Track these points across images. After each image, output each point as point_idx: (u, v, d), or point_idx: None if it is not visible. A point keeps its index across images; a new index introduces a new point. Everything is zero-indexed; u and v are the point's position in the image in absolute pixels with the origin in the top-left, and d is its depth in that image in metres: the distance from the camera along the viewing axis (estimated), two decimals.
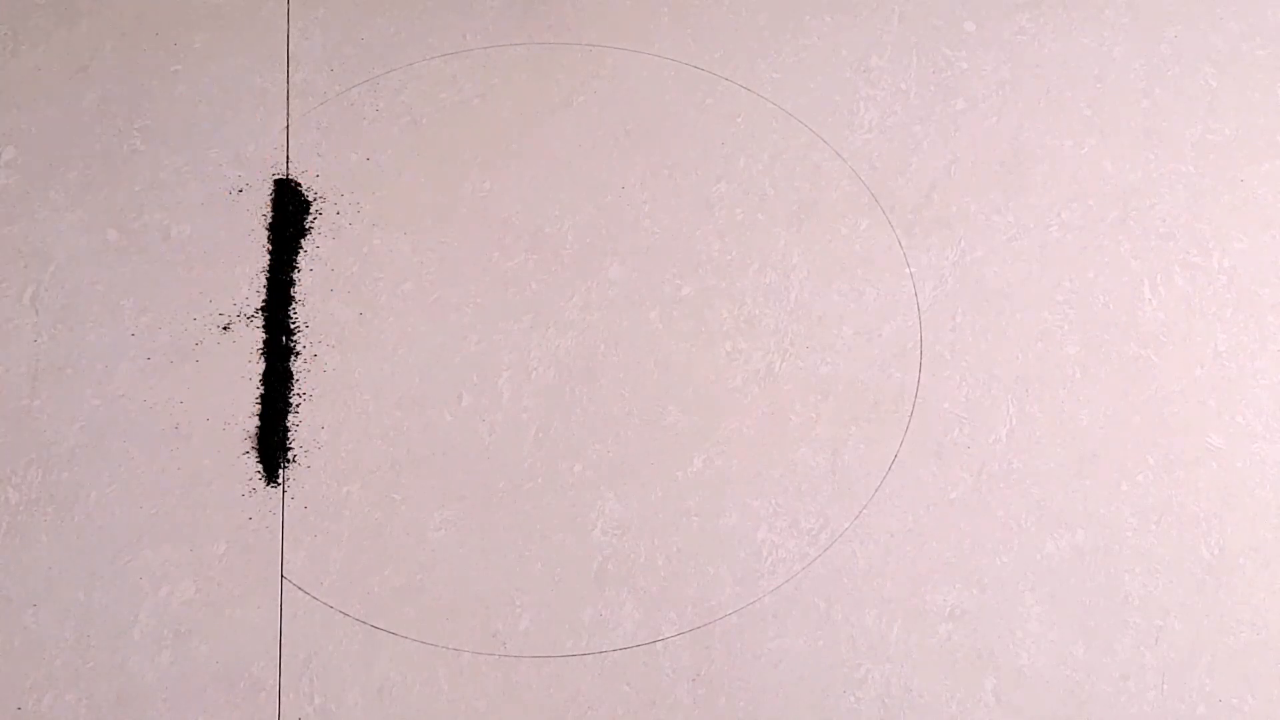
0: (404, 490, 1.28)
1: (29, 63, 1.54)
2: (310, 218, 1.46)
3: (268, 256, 1.43)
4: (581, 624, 1.20)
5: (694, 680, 1.17)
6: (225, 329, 1.38)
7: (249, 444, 1.30)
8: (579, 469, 1.29)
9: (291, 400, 1.33)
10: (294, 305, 1.40)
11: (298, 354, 1.37)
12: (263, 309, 1.40)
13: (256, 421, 1.32)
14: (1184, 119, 1.56)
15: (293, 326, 1.39)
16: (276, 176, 1.48)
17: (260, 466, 1.29)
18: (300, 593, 1.21)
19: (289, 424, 1.30)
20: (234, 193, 1.47)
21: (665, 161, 1.51)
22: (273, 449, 1.28)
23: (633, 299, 1.42)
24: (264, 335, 1.38)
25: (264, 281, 1.41)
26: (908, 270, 1.44)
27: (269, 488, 1.26)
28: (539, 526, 1.26)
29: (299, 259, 1.43)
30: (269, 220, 1.45)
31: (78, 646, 1.17)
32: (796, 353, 1.38)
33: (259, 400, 1.33)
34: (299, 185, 1.48)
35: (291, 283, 1.41)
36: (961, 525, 1.27)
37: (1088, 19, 1.63)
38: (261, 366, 1.36)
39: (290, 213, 1.45)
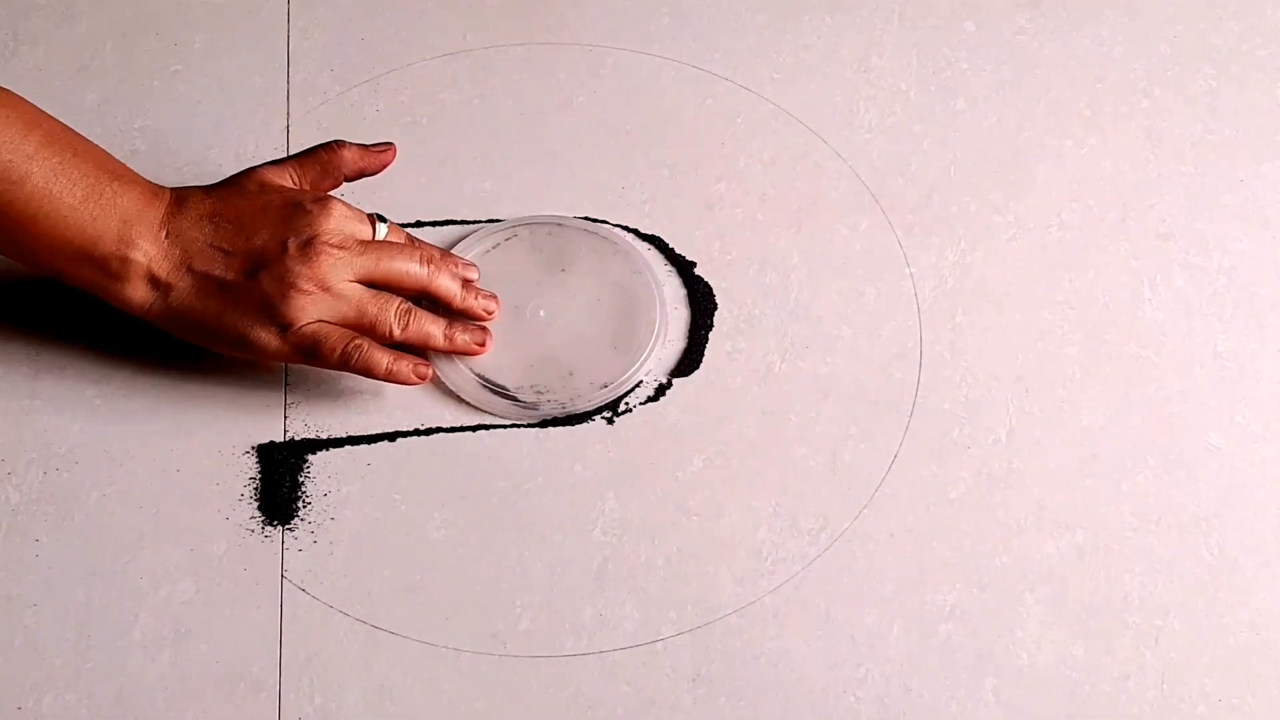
0: (404, 490, 1.28)
1: (29, 63, 1.54)
2: None
3: None
4: (581, 624, 1.20)
5: (694, 680, 1.17)
6: None
7: (248, 444, 1.30)
8: (579, 469, 1.29)
9: (292, 403, 1.33)
10: None
11: None
12: None
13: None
14: (1184, 119, 1.56)
15: None
16: None
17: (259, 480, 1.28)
18: (300, 593, 1.21)
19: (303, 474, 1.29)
20: None
21: (665, 161, 1.51)
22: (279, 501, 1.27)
23: None
24: None
25: None
26: (908, 270, 1.44)
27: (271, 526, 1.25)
28: (539, 526, 1.26)
29: None
30: None
31: (78, 646, 1.17)
32: (796, 353, 1.38)
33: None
34: None
35: None
36: (961, 525, 1.27)
37: (1088, 19, 1.63)
38: None
39: None
